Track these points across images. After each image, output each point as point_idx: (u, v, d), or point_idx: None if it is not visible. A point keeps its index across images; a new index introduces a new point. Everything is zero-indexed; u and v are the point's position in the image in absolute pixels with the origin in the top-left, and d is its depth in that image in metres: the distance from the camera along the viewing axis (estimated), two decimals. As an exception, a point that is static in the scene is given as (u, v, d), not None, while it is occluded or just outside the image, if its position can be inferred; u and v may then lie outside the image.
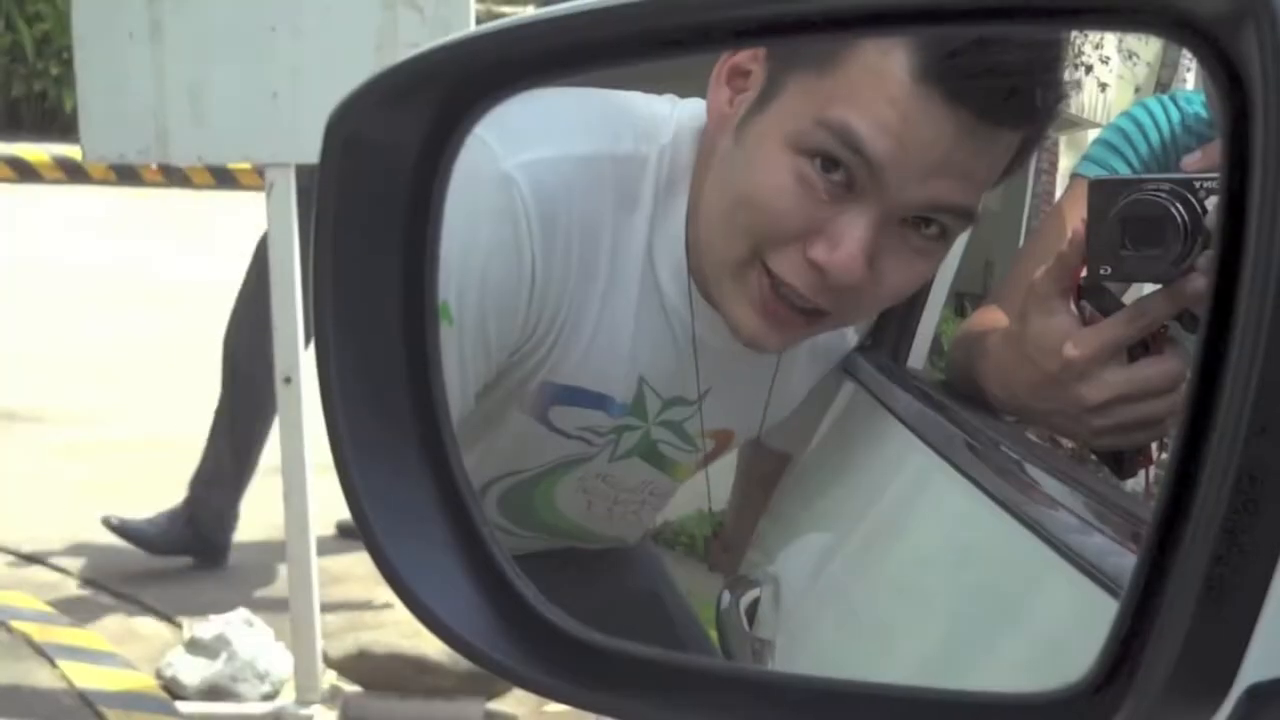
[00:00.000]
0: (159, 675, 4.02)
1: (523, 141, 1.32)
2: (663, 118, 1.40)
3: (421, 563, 0.86)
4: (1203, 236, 1.00)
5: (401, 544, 0.85)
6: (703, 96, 1.35)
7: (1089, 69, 1.29)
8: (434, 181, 0.85)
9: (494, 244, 1.31)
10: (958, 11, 0.71)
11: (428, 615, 0.85)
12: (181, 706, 3.91)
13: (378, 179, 0.84)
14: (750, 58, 1.28)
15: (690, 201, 1.37)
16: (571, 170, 1.35)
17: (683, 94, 1.41)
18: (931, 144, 1.19)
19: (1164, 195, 1.01)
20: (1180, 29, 0.63)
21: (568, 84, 0.88)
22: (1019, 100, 1.19)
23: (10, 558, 4.84)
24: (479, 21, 3.51)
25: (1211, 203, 1.00)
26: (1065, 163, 1.38)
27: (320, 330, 0.84)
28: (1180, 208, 1.01)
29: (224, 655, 3.97)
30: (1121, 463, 1.15)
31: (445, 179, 0.85)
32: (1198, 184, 1.01)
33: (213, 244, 9.05)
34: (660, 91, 1.43)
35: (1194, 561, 0.60)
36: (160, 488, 5.38)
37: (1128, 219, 1.02)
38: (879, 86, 1.19)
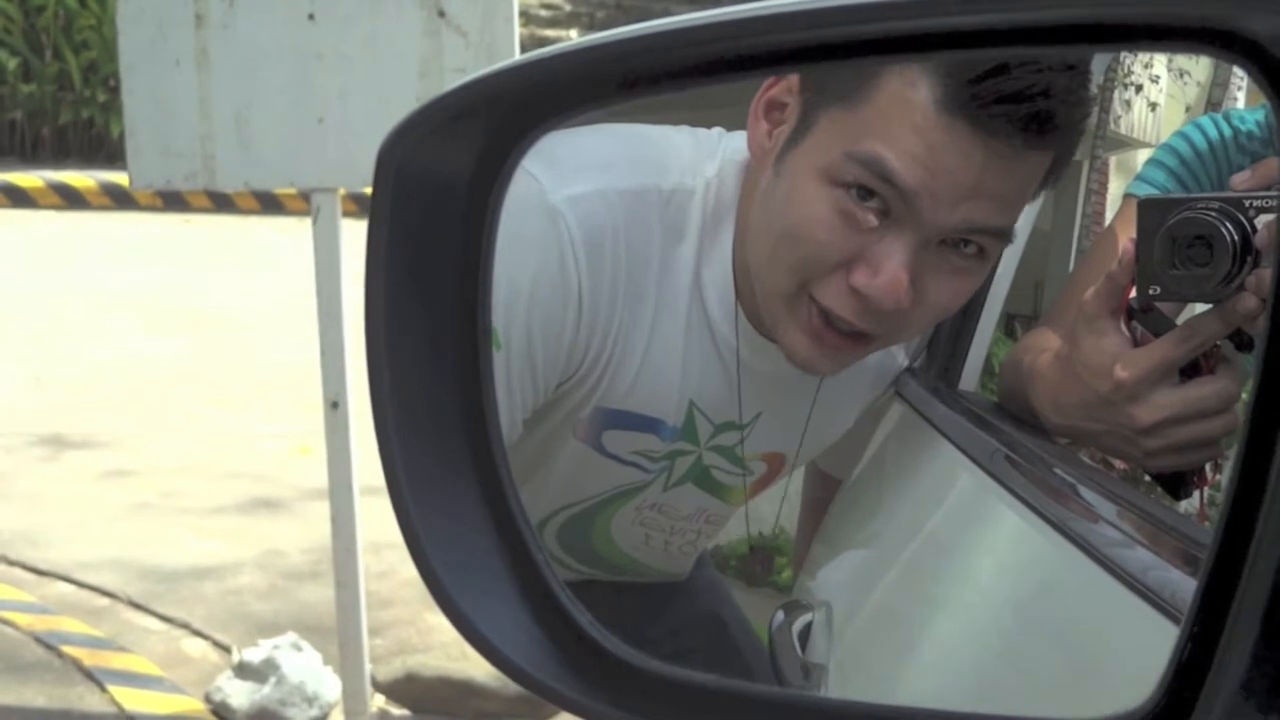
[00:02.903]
0: (208, 699, 4.03)
1: (570, 175, 1.35)
2: (709, 151, 1.43)
3: (474, 587, 0.86)
4: (1252, 255, 0.99)
5: (454, 568, 0.85)
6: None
7: (1139, 88, 1.28)
8: (486, 209, 0.85)
9: (541, 273, 1.34)
10: (1020, 34, 0.71)
11: (480, 639, 0.85)
12: (230, 730, 3.93)
13: (430, 208, 0.84)
14: (785, 90, 1.31)
15: (736, 233, 1.40)
16: (618, 203, 1.38)
17: (730, 126, 1.42)
18: (960, 170, 1.22)
19: (1213, 213, 1.00)
20: (1237, 50, 0.63)
21: (618, 110, 0.89)
22: (1043, 123, 1.21)
23: (60, 583, 4.87)
24: (522, 45, 3.53)
25: (1262, 221, 0.99)
26: (1115, 184, 1.38)
27: (374, 358, 0.84)
28: (1229, 226, 1.00)
29: (273, 679, 3.97)
30: (1176, 484, 1.14)
31: (498, 207, 0.85)
32: (1248, 203, 1.00)
33: (258, 269, 9.11)
34: (709, 124, 1.44)
35: (1257, 585, 0.60)
36: (205, 513, 5.42)
37: (1176, 237, 1.02)
38: (906, 117, 1.21)
